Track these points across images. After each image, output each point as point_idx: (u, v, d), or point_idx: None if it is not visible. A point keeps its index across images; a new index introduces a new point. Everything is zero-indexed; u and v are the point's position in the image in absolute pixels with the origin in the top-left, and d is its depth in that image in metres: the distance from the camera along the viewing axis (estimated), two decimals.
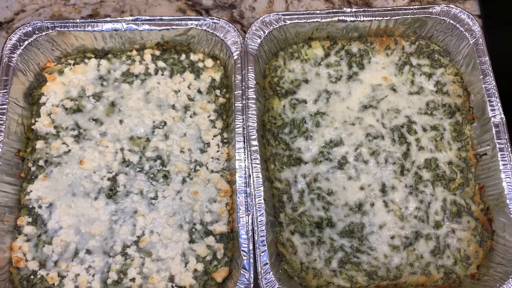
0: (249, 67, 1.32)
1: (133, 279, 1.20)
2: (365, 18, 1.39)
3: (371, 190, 1.29)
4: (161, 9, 1.60)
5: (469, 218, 1.27)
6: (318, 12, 1.39)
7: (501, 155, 1.25)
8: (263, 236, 1.18)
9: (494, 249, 1.25)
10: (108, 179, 1.28)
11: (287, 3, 1.63)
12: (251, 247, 1.17)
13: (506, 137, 1.26)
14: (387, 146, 1.33)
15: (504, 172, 1.24)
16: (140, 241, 1.23)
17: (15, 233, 1.24)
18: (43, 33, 1.35)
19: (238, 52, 1.35)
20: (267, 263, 1.16)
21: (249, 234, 1.18)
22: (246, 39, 1.36)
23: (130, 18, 1.37)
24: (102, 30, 1.37)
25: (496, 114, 1.29)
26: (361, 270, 1.23)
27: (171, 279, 1.21)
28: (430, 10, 1.40)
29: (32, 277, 1.20)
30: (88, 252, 1.22)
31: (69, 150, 1.31)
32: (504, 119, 1.28)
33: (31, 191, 1.26)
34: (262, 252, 1.17)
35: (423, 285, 1.22)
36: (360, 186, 1.29)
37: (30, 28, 1.35)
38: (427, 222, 1.27)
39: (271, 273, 1.15)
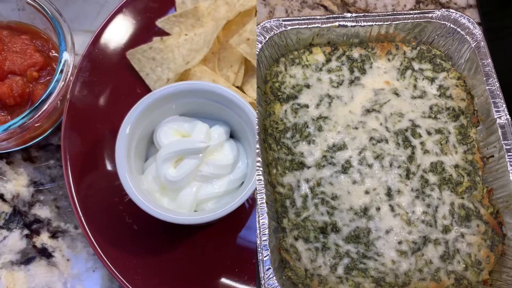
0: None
1: None
2: (365, 23, 1.39)
3: (377, 194, 1.25)
4: None
5: (479, 222, 1.23)
6: (318, 17, 1.39)
7: (508, 156, 1.22)
8: (266, 240, 1.14)
9: (506, 253, 1.20)
10: None
11: (287, 13, 1.65)
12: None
13: None
14: (392, 150, 1.30)
15: None
16: None
17: None
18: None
19: None
20: (270, 268, 1.11)
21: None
22: None
23: None
24: None
25: (502, 115, 1.27)
26: (368, 276, 1.18)
27: None
28: (430, 15, 1.40)
29: None
30: None
31: None
32: (510, 119, 1.26)
33: None
34: (265, 257, 1.12)
35: None
36: (365, 190, 1.25)
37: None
38: (435, 226, 1.23)
39: (274, 278, 1.11)
